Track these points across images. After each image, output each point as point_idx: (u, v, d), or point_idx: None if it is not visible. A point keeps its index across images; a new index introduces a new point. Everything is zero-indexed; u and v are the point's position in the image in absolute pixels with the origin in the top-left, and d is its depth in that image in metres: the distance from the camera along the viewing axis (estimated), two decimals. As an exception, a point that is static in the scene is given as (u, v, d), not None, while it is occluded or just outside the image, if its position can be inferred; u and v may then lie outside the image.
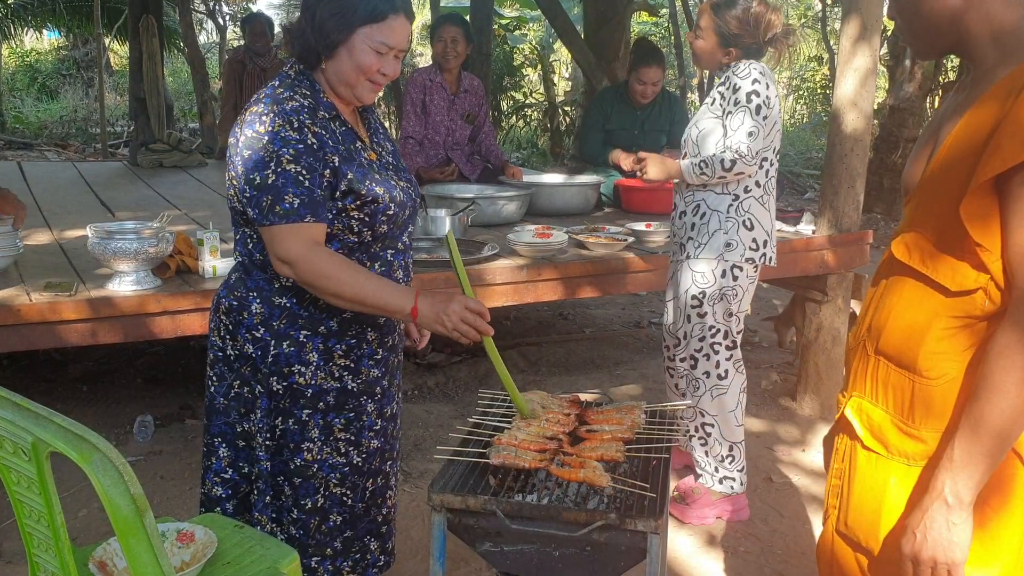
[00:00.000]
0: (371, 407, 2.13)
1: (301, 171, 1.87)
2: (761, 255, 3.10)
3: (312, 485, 2.07)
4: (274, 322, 2.01)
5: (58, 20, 15.08)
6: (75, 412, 4.03)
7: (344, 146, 1.97)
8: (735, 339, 3.19)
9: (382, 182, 2.00)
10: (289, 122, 1.88)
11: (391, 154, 2.16)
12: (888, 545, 1.45)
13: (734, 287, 3.09)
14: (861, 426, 1.50)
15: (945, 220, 1.36)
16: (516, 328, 5.66)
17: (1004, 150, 1.25)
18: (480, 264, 3.41)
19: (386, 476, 2.22)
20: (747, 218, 3.06)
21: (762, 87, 2.97)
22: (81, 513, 3.16)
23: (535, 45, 14.86)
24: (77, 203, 4.99)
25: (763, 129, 2.97)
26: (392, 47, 1.92)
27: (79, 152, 11.47)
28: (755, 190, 3.07)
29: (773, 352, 5.33)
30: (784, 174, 11.66)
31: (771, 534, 3.22)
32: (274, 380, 2.02)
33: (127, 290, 2.92)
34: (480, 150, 5.13)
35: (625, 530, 1.67)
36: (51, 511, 1.55)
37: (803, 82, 17.73)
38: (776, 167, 3.14)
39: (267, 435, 2.04)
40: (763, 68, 3.04)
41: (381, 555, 2.23)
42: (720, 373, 3.18)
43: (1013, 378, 1.26)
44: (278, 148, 1.86)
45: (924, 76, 9.04)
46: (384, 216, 2.00)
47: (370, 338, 2.10)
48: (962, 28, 1.38)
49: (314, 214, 1.89)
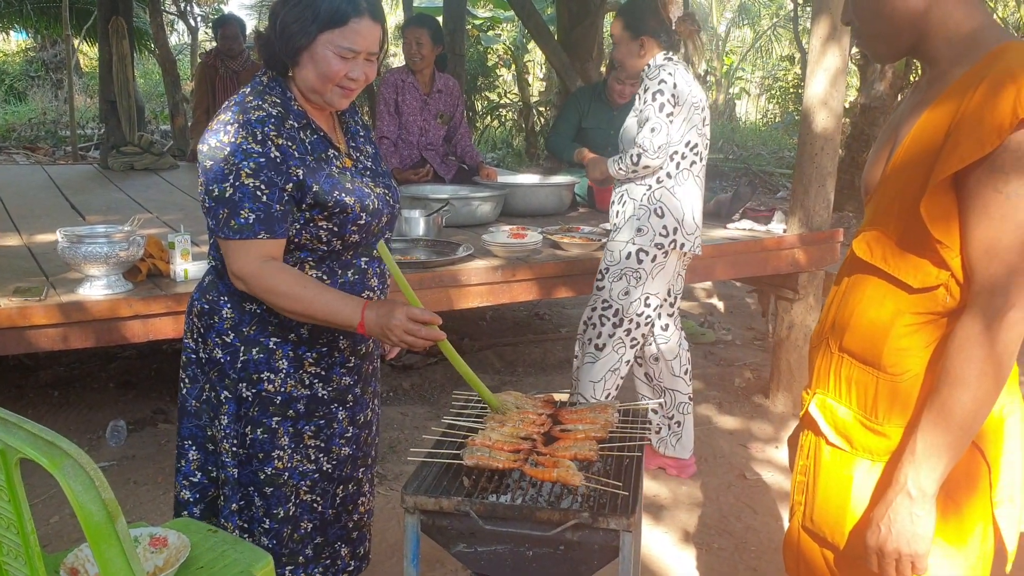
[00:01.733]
0: (342, 414, 2.12)
1: (260, 185, 1.85)
2: (671, 241, 3.27)
3: (283, 494, 2.06)
4: (244, 328, 2.00)
5: (26, 21, 14.89)
6: (47, 417, 3.99)
7: (313, 155, 1.94)
8: (624, 319, 3.34)
9: (354, 191, 1.97)
10: (252, 134, 1.85)
11: (371, 158, 2.13)
12: (854, 540, 1.47)
13: (637, 269, 3.29)
14: (825, 422, 1.52)
15: (906, 218, 1.38)
16: (492, 328, 5.67)
17: (961, 148, 1.27)
18: (455, 265, 3.41)
19: (358, 483, 2.21)
20: (658, 206, 3.27)
21: (667, 86, 3.17)
22: (53, 519, 3.13)
23: (509, 45, 14.87)
24: (47, 207, 4.93)
25: (666, 125, 3.17)
26: (357, 51, 1.87)
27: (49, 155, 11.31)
28: (667, 181, 3.27)
29: (746, 350, 5.38)
30: (756, 173, 11.73)
31: (745, 530, 3.25)
32: (243, 386, 2.01)
33: (98, 294, 2.89)
34: (456, 151, 5.13)
35: (598, 529, 1.68)
36: (21, 518, 1.54)
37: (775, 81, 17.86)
38: (699, 160, 3.32)
39: (234, 442, 2.04)
40: (673, 68, 3.21)
41: (352, 560, 2.23)
42: (598, 344, 3.39)
43: (973, 370, 1.29)
44: (239, 161, 1.84)
45: (895, 75, 9.14)
46: (354, 226, 1.97)
47: (342, 346, 2.08)
48: (920, 30, 1.41)
49: (269, 230, 1.87)
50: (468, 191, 4.46)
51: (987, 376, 1.29)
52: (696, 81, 3.32)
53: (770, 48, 20.58)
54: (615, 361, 3.39)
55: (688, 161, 3.28)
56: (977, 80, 1.29)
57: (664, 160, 3.22)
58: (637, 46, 3.27)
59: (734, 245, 4.08)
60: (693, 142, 3.28)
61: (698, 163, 3.32)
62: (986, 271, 1.29)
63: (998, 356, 1.29)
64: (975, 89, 1.28)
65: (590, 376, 3.40)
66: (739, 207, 4.51)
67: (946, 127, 1.31)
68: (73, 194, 5.40)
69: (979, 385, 1.29)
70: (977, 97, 1.27)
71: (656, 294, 3.35)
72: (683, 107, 3.20)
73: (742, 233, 4.26)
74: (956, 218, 1.32)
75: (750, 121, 18.76)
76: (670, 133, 3.19)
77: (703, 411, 4.35)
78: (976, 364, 1.29)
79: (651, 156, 3.17)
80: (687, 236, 3.30)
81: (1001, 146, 1.25)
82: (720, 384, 4.75)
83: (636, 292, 3.32)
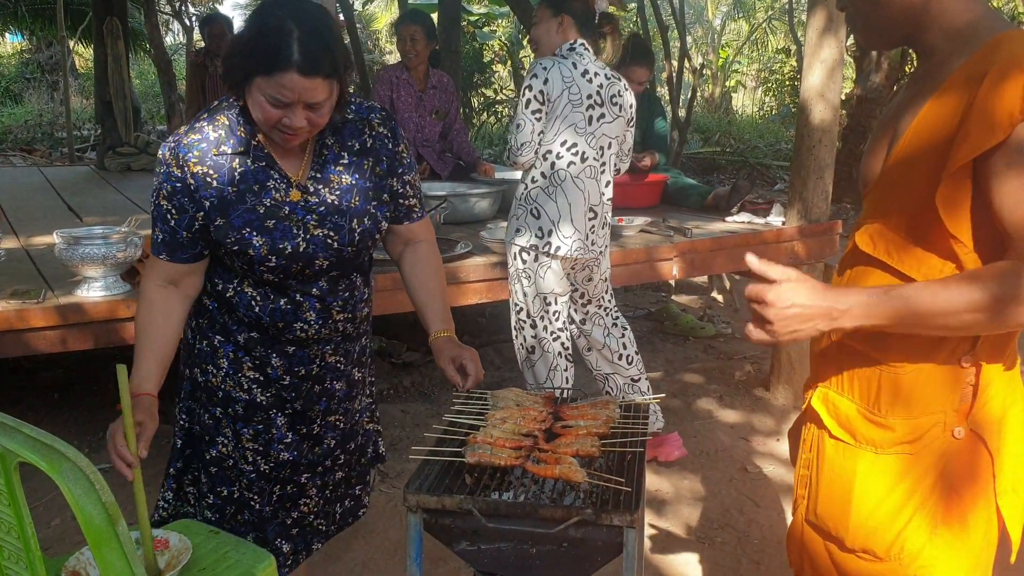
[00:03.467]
0: (282, 421, 2.09)
1: (171, 209, 1.90)
2: (546, 243, 3.23)
3: (227, 476, 2.10)
4: (200, 319, 2.06)
5: (20, 23, 14.84)
6: (47, 420, 3.98)
7: (237, 187, 1.88)
8: (535, 319, 3.35)
9: (274, 230, 1.89)
10: (176, 157, 1.87)
11: (339, 192, 1.95)
12: (858, 534, 1.47)
13: (524, 269, 3.30)
14: (828, 416, 1.51)
15: (911, 211, 1.37)
16: (491, 325, 5.66)
17: (972, 137, 1.25)
18: (453, 262, 3.41)
19: (300, 486, 2.16)
20: (534, 207, 3.25)
21: (537, 82, 3.13)
22: (54, 522, 3.13)
23: (504, 41, 14.85)
24: (44, 209, 4.93)
25: (531, 123, 3.14)
26: (286, 102, 1.74)
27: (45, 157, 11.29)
28: (540, 180, 3.23)
29: (746, 343, 5.37)
30: (754, 166, 11.73)
31: (747, 524, 3.25)
32: (196, 371, 2.10)
33: (96, 296, 2.89)
34: (452, 147, 5.12)
35: (602, 525, 1.67)
36: (21, 522, 1.53)
37: (771, 74, 17.84)
38: (582, 161, 3.20)
39: (184, 416, 2.14)
40: (551, 63, 3.15)
41: (292, 555, 2.20)
42: (528, 347, 3.43)
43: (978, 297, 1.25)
44: (162, 181, 1.89)
45: (891, 66, 9.14)
46: (263, 267, 1.91)
47: (275, 363, 2.04)
48: (918, 20, 1.40)
49: (170, 254, 1.93)
50: (465, 188, 4.45)
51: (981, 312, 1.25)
52: (603, 74, 3.22)
53: (766, 41, 20.56)
54: (551, 358, 3.38)
55: (565, 162, 3.18)
56: (981, 71, 1.27)
57: (530, 158, 3.19)
58: (556, 23, 3.23)
59: (733, 238, 4.08)
60: (571, 142, 3.18)
61: (577, 163, 3.19)
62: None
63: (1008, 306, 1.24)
64: (982, 80, 1.26)
65: (535, 379, 3.42)
66: (737, 200, 4.51)
67: (954, 117, 1.30)
68: (70, 196, 5.39)
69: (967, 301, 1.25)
70: (986, 86, 1.25)
71: (553, 293, 3.31)
72: (554, 104, 3.14)
73: (741, 226, 4.26)
74: (967, 210, 1.31)
75: (747, 114, 18.75)
76: (535, 131, 3.15)
77: (704, 405, 4.35)
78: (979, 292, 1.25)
79: (515, 152, 3.19)
80: (563, 239, 3.22)
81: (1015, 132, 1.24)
82: (720, 378, 4.74)
83: (532, 291, 3.31)
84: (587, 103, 3.17)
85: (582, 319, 3.53)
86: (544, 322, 3.35)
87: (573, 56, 3.19)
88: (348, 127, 1.98)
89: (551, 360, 3.38)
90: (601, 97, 3.21)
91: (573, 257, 3.27)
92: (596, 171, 3.25)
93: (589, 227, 3.27)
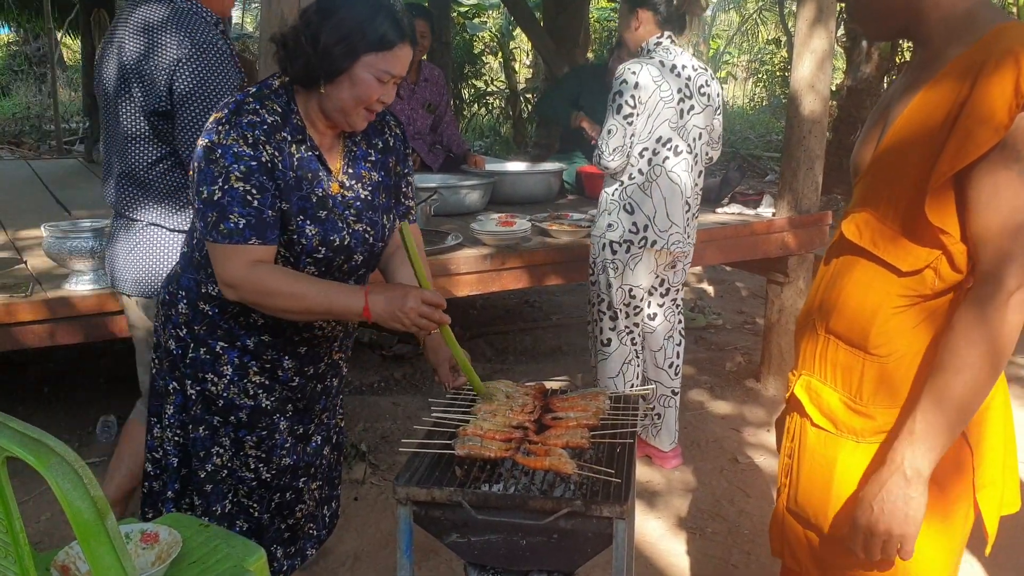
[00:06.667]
0: (283, 424, 2.09)
1: (251, 190, 1.80)
2: (641, 238, 3.28)
3: (221, 491, 2.07)
4: (196, 326, 1.99)
5: (7, 15, 14.68)
6: (37, 414, 3.97)
7: (296, 172, 1.87)
8: (616, 311, 3.40)
9: (325, 221, 1.90)
10: (244, 136, 1.79)
11: (371, 187, 2.01)
12: (837, 522, 1.47)
13: (614, 260, 3.33)
14: (810, 404, 1.52)
15: (898, 200, 1.38)
16: (482, 317, 5.66)
17: (975, 136, 1.25)
18: (444, 254, 3.40)
19: (298, 492, 2.17)
20: (628, 203, 3.28)
21: (628, 87, 3.15)
22: (44, 516, 3.12)
23: (495, 33, 14.80)
24: (32, 202, 4.89)
25: (622, 128, 3.16)
26: (395, 75, 1.83)
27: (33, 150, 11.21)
28: (638, 178, 3.27)
29: (737, 334, 5.39)
30: (745, 157, 11.74)
31: (738, 514, 3.26)
32: (189, 383, 2.02)
33: (85, 289, 2.87)
34: (442, 140, 5.10)
35: (591, 516, 1.67)
36: (9, 516, 1.53)
37: (762, 65, 17.85)
38: (675, 155, 3.24)
39: (177, 431, 2.06)
40: (639, 67, 3.15)
41: (285, 560, 2.21)
42: (603, 340, 3.46)
43: (976, 352, 1.28)
44: (229, 163, 1.79)
45: (881, 57, 9.14)
46: (310, 258, 1.91)
47: (287, 365, 2.04)
48: (915, 10, 1.40)
49: (260, 236, 1.82)
50: (456, 180, 4.44)
51: (988, 359, 1.28)
52: (691, 66, 3.26)
53: (756, 32, 20.55)
54: (626, 353, 3.44)
55: (661, 157, 3.23)
56: (976, 64, 1.27)
57: (622, 162, 3.21)
58: (634, 21, 3.25)
59: (723, 230, 4.08)
60: (666, 137, 3.22)
61: (672, 157, 3.24)
62: (996, 251, 1.27)
63: (1002, 340, 1.28)
64: (977, 73, 1.26)
65: (607, 373, 3.45)
66: (728, 191, 4.51)
67: (945, 109, 1.30)
68: (58, 189, 5.36)
69: (981, 367, 1.29)
70: (982, 81, 1.25)
71: (639, 286, 3.36)
72: (646, 105, 3.16)
73: (731, 217, 4.26)
74: (953, 205, 1.31)
75: (737, 105, 18.76)
76: (627, 135, 3.18)
77: (695, 396, 4.36)
78: (979, 346, 1.28)
79: (606, 158, 3.20)
80: (659, 233, 3.27)
81: (1011, 128, 1.24)
82: (711, 369, 4.75)
83: (617, 283, 3.35)
84: (677, 97, 3.21)
85: (653, 313, 3.54)
86: (624, 315, 3.40)
87: (659, 52, 3.23)
88: (371, 125, 2.00)
89: (627, 353, 3.44)
90: (690, 89, 3.25)
91: (670, 250, 3.32)
92: (689, 163, 3.30)
93: (685, 220, 3.33)
